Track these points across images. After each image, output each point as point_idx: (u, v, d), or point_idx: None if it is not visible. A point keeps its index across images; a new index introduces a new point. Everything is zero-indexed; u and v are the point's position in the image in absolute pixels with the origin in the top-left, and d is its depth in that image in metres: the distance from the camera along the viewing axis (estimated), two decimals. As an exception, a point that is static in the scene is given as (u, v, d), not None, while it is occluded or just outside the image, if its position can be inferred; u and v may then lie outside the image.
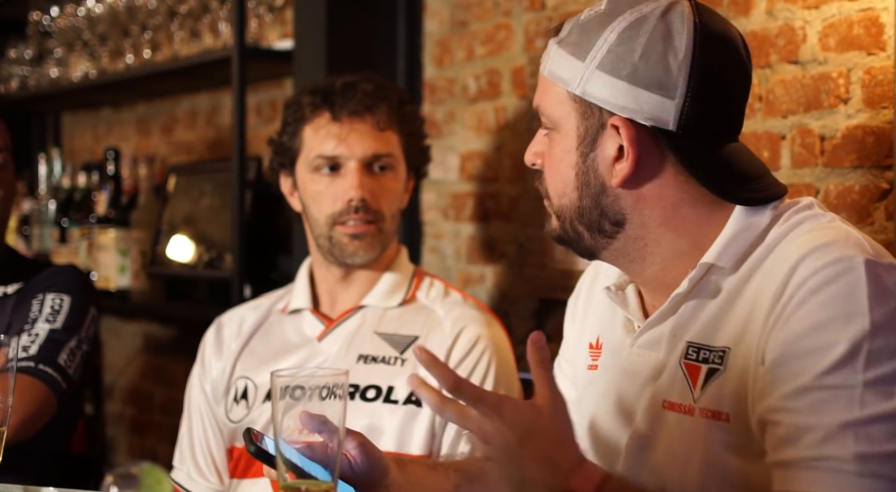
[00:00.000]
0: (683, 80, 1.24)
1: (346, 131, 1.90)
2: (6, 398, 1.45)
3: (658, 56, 1.24)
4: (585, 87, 1.26)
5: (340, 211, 1.89)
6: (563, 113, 1.29)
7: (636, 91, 1.24)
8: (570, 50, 1.28)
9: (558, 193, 1.32)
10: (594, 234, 1.31)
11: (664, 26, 1.25)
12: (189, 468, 1.97)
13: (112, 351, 3.84)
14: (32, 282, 2.08)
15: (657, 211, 1.29)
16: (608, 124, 1.26)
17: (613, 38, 1.25)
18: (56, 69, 3.56)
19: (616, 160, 1.27)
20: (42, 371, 1.92)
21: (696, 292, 1.28)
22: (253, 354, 1.98)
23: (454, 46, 2.60)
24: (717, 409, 1.24)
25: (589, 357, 1.44)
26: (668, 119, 1.24)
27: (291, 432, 1.10)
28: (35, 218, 3.54)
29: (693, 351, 1.27)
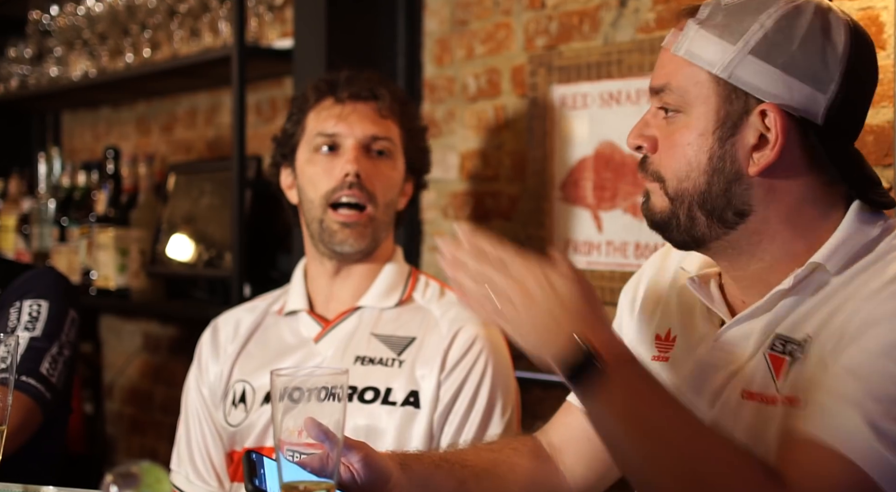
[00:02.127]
0: (839, 76, 1.25)
1: (348, 111, 1.92)
2: (5, 397, 1.45)
3: (817, 48, 1.24)
4: (734, 70, 1.25)
5: (334, 187, 1.90)
6: (700, 95, 1.27)
7: (790, 80, 1.24)
8: (716, 31, 1.26)
9: (680, 175, 1.29)
10: (713, 222, 1.30)
11: (822, 20, 1.25)
12: (187, 471, 1.97)
13: (112, 350, 3.84)
14: (9, 288, 2.06)
15: (783, 206, 1.29)
16: (754, 111, 1.25)
17: (770, 25, 1.24)
18: (56, 68, 3.56)
19: (755, 148, 1.27)
20: (25, 383, 1.91)
21: (796, 290, 1.28)
22: (250, 356, 1.98)
23: (454, 45, 2.60)
24: (796, 395, 1.24)
25: (655, 349, 1.44)
26: (817, 112, 1.25)
27: (291, 433, 1.10)
28: (35, 217, 3.54)
29: (780, 343, 1.28)
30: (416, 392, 1.84)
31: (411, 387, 1.85)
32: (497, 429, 1.84)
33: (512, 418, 1.87)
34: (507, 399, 1.87)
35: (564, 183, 2.30)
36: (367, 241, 1.92)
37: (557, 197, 2.31)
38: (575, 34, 2.27)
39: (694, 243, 1.33)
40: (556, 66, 2.31)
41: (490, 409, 1.85)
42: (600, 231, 2.21)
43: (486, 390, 1.85)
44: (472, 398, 1.84)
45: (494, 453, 1.52)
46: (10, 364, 1.46)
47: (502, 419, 1.85)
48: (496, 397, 1.86)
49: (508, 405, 1.87)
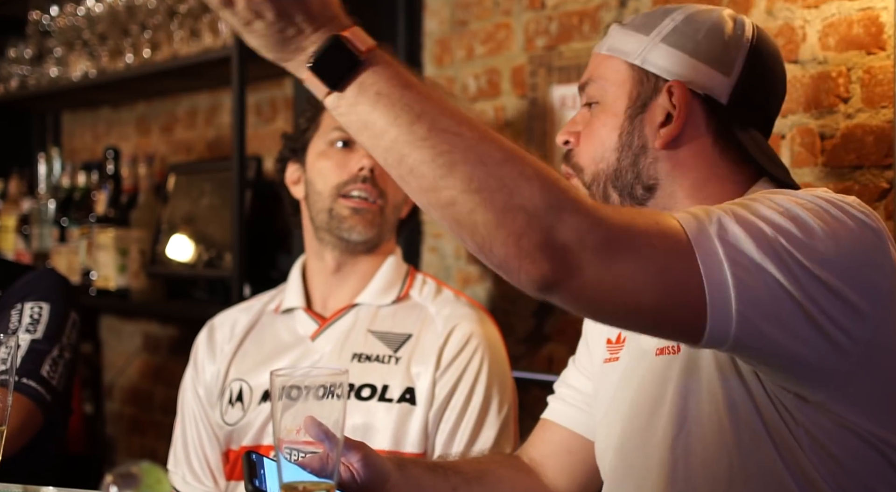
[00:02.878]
0: (740, 61, 1.34)
1: None
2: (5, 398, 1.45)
3: (720, 37, 1.35)
4: (647, 56, 1.36)
5: (346, 180, 1.90)
6: (618, 81, 1.37)
7: (695, 63, 1.34)
8: (633, 28, 1.38)
9: (595, 158, 1.37)
10: (624, 198, 1.35)
11: (730, 19, 1.37)
12: (184, 472, 1.97)
13: (112, 350, 3.84)
14: (10, 290, 2.05)
15: (687, 181, 1.34)
16: (663, 89, 1.34)
17: (680, 19, 1.36)
18: (56, 68, 3.56)
19: (661, 125, 1.34)
20: (26, 385, 1.90)
21: None
22: (247, 355, 1.98)
23: (454, 46, 2.60)
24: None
25: (606, 351, 1.46)
26: (721, 92, 1.34)
27: (290, 432, 1.10)
28: (35, 217, 3.53)
29: None
30: (412, 389, 1.85)
31: (407, 384, 1.85)
32: (494, 426, 1.84)
33: (509, 416, 1.87)
34: (504, 396, 1.87)
35: (564, 183, 2.30)
36: (375, 231, 1.92)
37: (557, 197, 2.31)
38: (575, 34, 2.27)
39: None
40: (556, 67, 2.31)
41: (486, 406, 1.85)
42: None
43: (481, 387, 1.85)
44: (468, 395, 1.85)
45: (483, 464, 1.55)
46: (10, 366, 1.46)
47: (499, 416, 1.85)
48: (492, 394, 1.86)
49: (505, 402, 1.87)
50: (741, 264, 1.10)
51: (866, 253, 1.16)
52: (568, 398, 1.56)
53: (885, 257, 1.18)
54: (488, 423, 1.84)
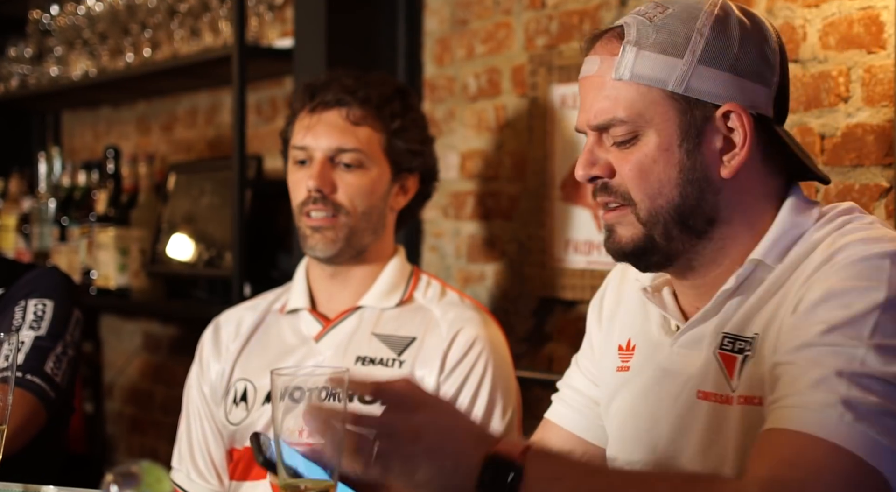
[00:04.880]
0: (778, 68, 1.30)
1: (315, 122, 1.92)
2: (6, 396, 1.46)
3: (756, 46, 1.28)
4: (689, 82, 1.26)
5: (303, 200, 1.91)
6: (658, 113, 1.27)
7: (740, 81, 1.27)
8: (657, 49, 1.27)
9: (651, 194, 1.29)
10: (686, 234, 1.30)
11: (748, 18, 1.29)
12: (188, 469, 1.97)
13: (112, 350, 3.84)
14: (13, 287, 2.06)
15: (745, 206, 1.30)
16: (715, 116, 1.27)
17: (708, 32, 1.26)
18: (56, 68, 3.56)
19: (722, 152, 1.28)
20: (30, 381, 1.91)
21: (741, 290, 1.29)
22: (252, 355, 1.97)
23: (454, 45, 2.60)
24: (752, 394, 1.25)
25: (618, 359, 1.44)
26: (767, 106, 1.29)
27: (291, 433, 1.10)
28: (35, 217, 3.54)
29: (728, 342, 1.29)
30: None
31: None
32: (498, 430, 1.84)
33: (513, 420, 1.86)
34: (508, 400, 1.87)
35: (564, 183, 2.30)
36: (339, 246, 1.91)
37: (557, 196, 2.31)
38: (575, 34, 2.27)
39: (668, 263, 1.33)
40: (556, 66, 2.31)
41: (490, 410, 1.84)
42: (600, 230, 2.21)
43: (486, 392, 1.84)
44: (472, 399, 1.84)
45: None
46: (12, 363, 1.46)
47: (503, 420, 1.85)
48: (496, 399, 1.85)
49: (509, 407, 1.86)
50: (885, 426, 1.11)
51: None
52: (570, 400, 1.56)
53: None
54: (492, 427, 1.84)
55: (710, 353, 1.30)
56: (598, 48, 1.32)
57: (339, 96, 1.91)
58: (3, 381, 1.44)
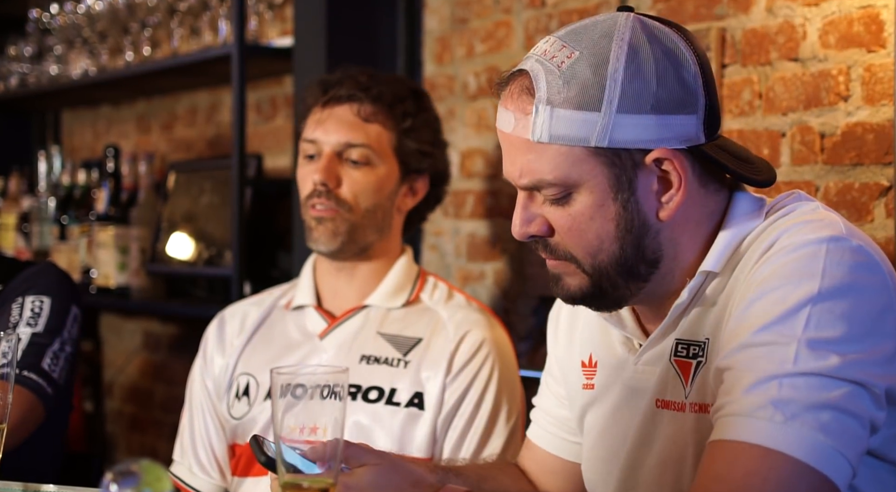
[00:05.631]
0: (702, 89, 1.23)
1: (326, 116, 1.91)
2: (5, 396, 1.45)
3: (674, 76, 1.21)
4: (611, 135, 1.20)
5: (308, 194, 1.90)
6: (584, 171, 1.22)
7: (664, 119, 1.21)
8: (571, 105, 1.20)
9: (591, 251, 1.26)
10: (632, 281, 1.27)
11: (659, 45, 1.22)
12: (190, 463, 1.96)
13: (112, 348, 3.84)
14: (11, 284, 2.05)
15: (686, 236, 1.27)
16: (644, 162, 1.22)
17: (621, 77, 1.19)
18: (56, 66, 3.56)
19: (659, 193, 1.24)
20: (27, 378, 1.90)
21: (696, 302, 1.28)
22: (256, 350, 1.97)
23: (454, 44, 2.60)
24: (703, 401, 1.24)
25: (583, 375, 1.43)
26: (698, 134, 1.23)
27: (291, 431, 1.10)
28: (35, 215, 3.54)
29: (682, 348, 1.28)
30: (420, 394, 1.83)
31: (416, 388, 1.84)
32: (502, 435, 1.83)
33: (517, 424, 1.86)
34: (513, 405, 1.86)
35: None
36: (341, 239, 1.89)
37: (557, 195, 2.31)
38: (575, 32, 2.27)
39: (620, 305, 1.32)
40: (556, 65, 2.30)
41: (495, 414, 1.84)
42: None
43: (491, 395, 1.84)
44: (478, 403, 1.83)
45: (484, 469, 1.54)
46: (11, 360, 1.46)
47: (507, 425, 1.84)
48: (501, 402, 1.85)
49: (514, 411, 1.86)
50: (825, 424, 1.09)
51: (885, 315, 1.15)
52: (543, 422, 1.56)
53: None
54: (497, 431, 1.83)
55: (668, 361, 1.29)
56: (508, 103, 1.25)
57: (352, 92, 1.90)
58: (2, 378, 1.44)
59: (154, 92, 3.65)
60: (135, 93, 3.71)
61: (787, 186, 1.87)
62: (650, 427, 1.31)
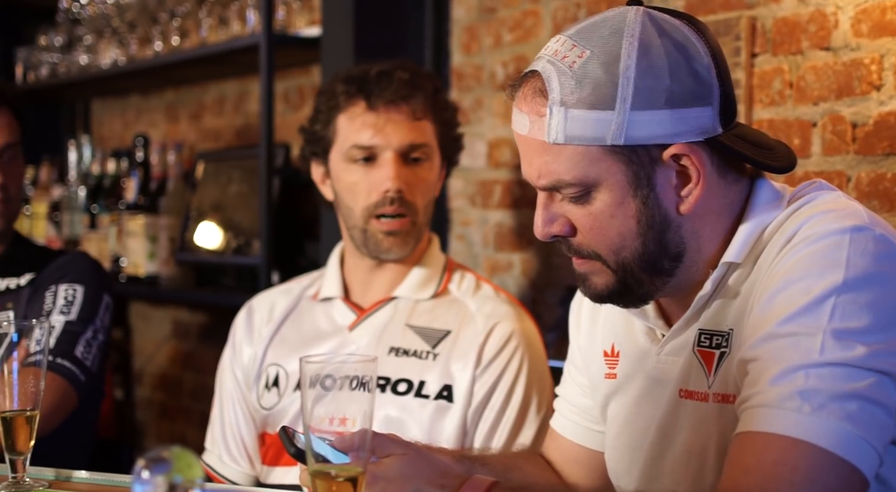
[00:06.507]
0: (716, 79, 1.23)
1: (383, 121, 1.87)
2: (38, 383, 1.47)
3: (686, 69, 1.21)
4: (626, 132, 1.20)
5: (376, 202, 1.87)
6: (601, 170, 1.22)
7: (680, 112, 1.21)
8: (584, 105, 1.21)
9: (614, 249, 1.26)
10: (656, 276, 1.27)
11: (671, 39, 1.22)
12: (220, 452, 1.98)
13: (141, 336, 3.87)
14: (44, 272, 2.08)
15: (707, 227, 1.27)
16: (661, 158, 1.22)
17: (634, 75, 1.19)
18: (85, 56, 3.59)
19: (678, 187, 1.24)
20: (60, 365, 1.93)
21: (718, 293, 1.28)
22: (284, 340, 1.97)
23: (482, 33, 2.59)
24: (726, 391, 1.24)
25: (605, 365, 1.44)
26: (714, 125, 1.23)
27: (321, 421, 1.10)
28: (65, 204, 3.57)
29: (705, 338, 1.28)
30: (449, 386, 1.83)
31: (445, 381, 1.84)
32: (532, 426, 1.83)
33: (547, 416, 1.85)
34: (543, 396, 1.86)
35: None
36: (411, 245, 1.91)
37: (585, 185, 2.30)
38: (604, 21, 2.25)
39: (645, 301, 1.32)
40: (584, 54, 2.29)
41: (525, 406, 1.84)
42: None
43: (521, 388, 1.84)
44: (508, 395, 1.83)
45: (510, 459, 1.55)
46: (44, 347, 1.48)
47: (537, 417, 1.84)
48: (531, 394, 1.85)
49: (543, 402, 1.86)
50: (851, 413, 1.09)
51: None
52: (566, 412, 1.56)
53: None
54: (527, 423, 1.84)
55: (691, 351, 1.29)
56: (522, 105, 1.26)
57: (404, 93, 1.88)
58: (36, 365, 1.46)
59: (182, 81, 3.67)
60: (164, 82, 3.73)
61: (819, 177, 1.85)
62: (673, 417, 1.31)
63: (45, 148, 3.96)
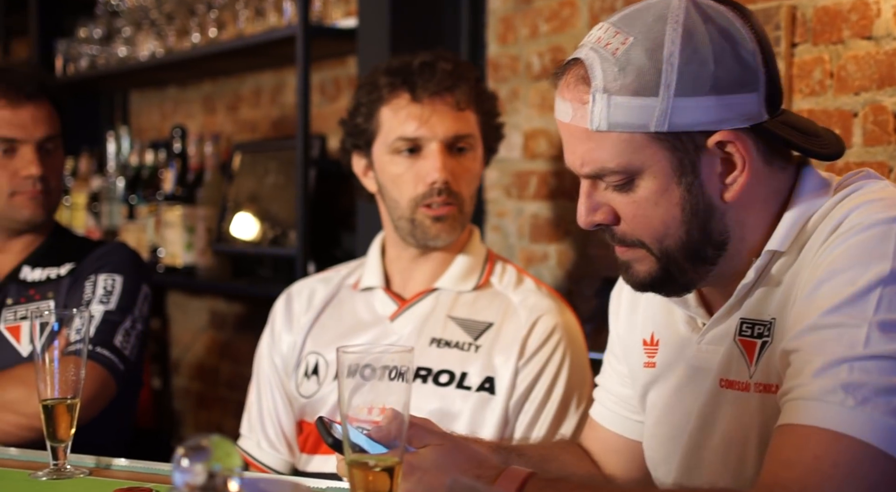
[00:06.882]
0: (761, 66, 1.22)
1: (428, 113, 1.87)
2: (78, 371, 1.49)
3: (731, 55, 1.20)
4: (670, 119, 1.19)
5: (423, 194, 1.87)
6: (645, 157, 1.22)
7: (724, 99, 1.20)
8: (628, 92, 1.20)
9: (658, 236, 1.26)
10: (699, 265, 1.27)
11: (715, 25, 1.21)
12: (258, 438, 1.98)
13: (179, 326, 3.90)
14: (84, 263, 2.10)
15: (752, 215, 1.26)
16: (706, 145, 1.21)
17: (678, 61, 1.18)
18: (124, 48, 3.61)
19: (723, 175, 1.23)
20: (99, 354, 1.95)
21: (761, 281, 1.27)
22: (324, 329, 1.98)
23: (518, 24, 2.58)
24: (768, 382, 1.24)
25: (644, 354, 1.43)
26: (760, 111, 1.22)
27: (359, 411, 1.11)
28: (104, 195, 3.60)
29: (747, 327, 1.27)
30: (491, 378, 1.84)
31: (487, 373, 1.84)
32: (573, 420, 1.83)
33: (587, 408, 1.85)
34: (583, 390, 1.86)
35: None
36: (458, 232, 1.91)
37: (622, 176, 2.29)
38: (641, 11, 2.24)
39: (688, 290, 1.32)
40: (621, 44, 2.28)
41: (567, 399, 1.84)
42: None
43: (563, 381, 1.84)
44: (549, 388, 1.83)
45: (547, 449, 1.56)
46: (84, 336, 1.50)
47: (578, 410, 1.84)
48: (573, 388, 1.85)
49: (584, 396, 1.86)
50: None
51: None
52: (606, 401, 1.56)
53: None
54: (568, 417, 1.84)
55: (732, 340, 1.29)
56: (565, 93, 1.26)
57: (448, 84, 1.87)
58: (76, 354, 1.48)
59: (219, 73, 3.69)
60: (201, 74, 3.75)
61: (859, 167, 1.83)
62: (713, 407, 1.30)
63: (84, 139, 4.00)
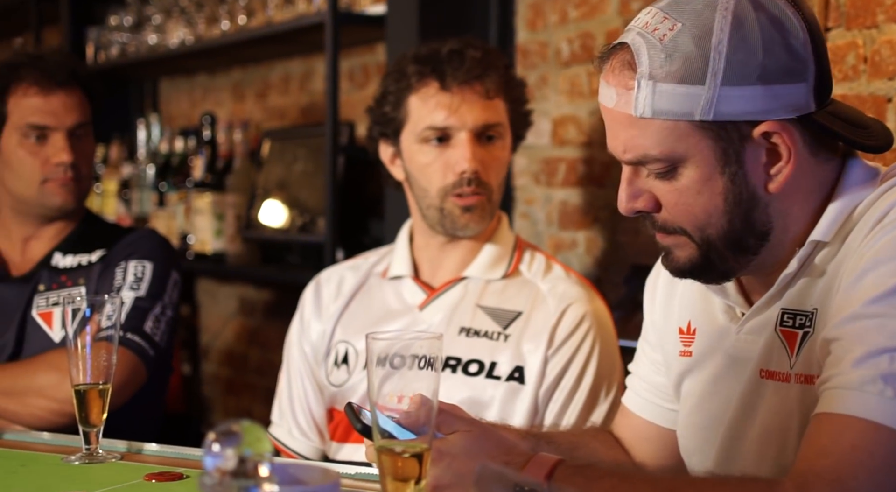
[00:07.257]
0: (812, 55, 1.20)
1: (458, 102, 1.85)
2: (110, 357, 1.50)
3: (781, 45, 1.19)
4: (716, 108, 1.18)
5: (453, 183, 1.86)
6: (690, 145, 1.21)
7: (772, 89, 1.18)
8: (674, 79, 1.19)
9: (699, 225, 1.25)
10: (740, 254, 1.26)
11: (765, 13, 1.19)
12: (290, 425, 1.99)
13: (208, 313, 3.93)
14: (114, 249, 2.11)
15: (796, 206, 1.25)
16: (751, 135, 1.20)
17: (726, 49, 1.17)
18: (154, 36, 3.63)
19: (767, 165, 1.22)
20: (130, 340, 1.96)
21: (803, 271, 1.26)
22: (354, 317, 1.98)
23: (547, 10, 2.57)
24: (809, 372, 1.23)
25: (680, 343, 1.42)
26: (808, 102, 1.21)
27: (389, 399, 1.11)
28: (134, 182, 3.63)
29: (788, 318, 1.26)
30: (521, 368, 1.83)
31: (517, 362, 1.83)
32: (603, 408, 1.83)
33: (617, 398, 1.84)
34: (613, 378, 1.86)
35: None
36: (486, 221, 1.90)
37: (652, 163, 2.28)
38: (672, -3, 2.22)
39: (727, 278, 1.31)
40: (651, 30, 2.26)
41: (597, 388, 1.83)
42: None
43: (592, 369, 1.83)
44: (579, 377, 1.83)
45: (576, 436, 1.55)
46: (115, 322, 1.51)
47: (607, 399, 1.84)
48: (603, 376, 1.84)
49: (614, 384, 1.85)
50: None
51: None
52: (639, 389, 1.55)
53: None
54: (598, 405, 1.83)
55: (773, 331, 1.28)
56: (610, 78, 1.24)
57: (477, 72, 1.86)
58: (107, 340, 1.49)
59: (249, 60, 3.70)
60: (230, 61, 3.76)
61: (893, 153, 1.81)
62: (753, 397, 1.29)
63: (114, 127, 4.03)
